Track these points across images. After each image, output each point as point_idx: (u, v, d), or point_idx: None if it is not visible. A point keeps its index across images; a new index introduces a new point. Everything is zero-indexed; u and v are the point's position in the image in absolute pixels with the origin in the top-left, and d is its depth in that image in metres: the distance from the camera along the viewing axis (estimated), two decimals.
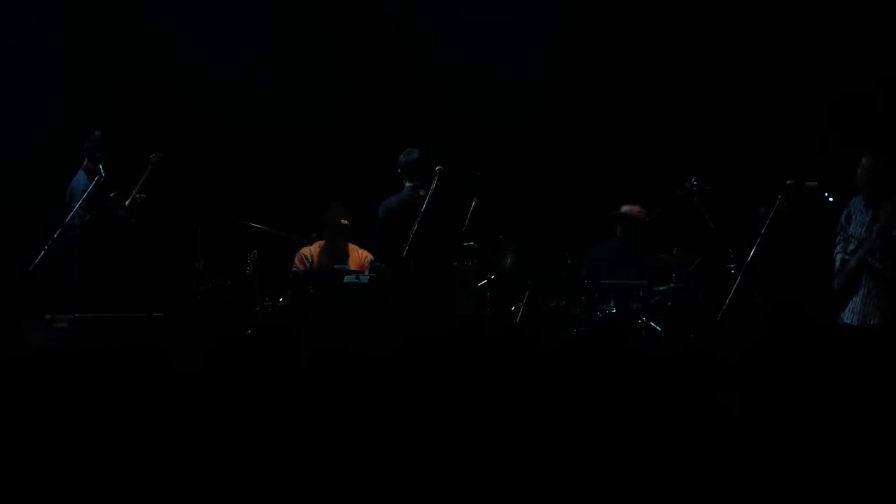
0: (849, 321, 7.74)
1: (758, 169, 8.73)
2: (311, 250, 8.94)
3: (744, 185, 8.65)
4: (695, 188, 8.43)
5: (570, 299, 8.53)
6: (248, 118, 9.98)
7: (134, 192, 8.74)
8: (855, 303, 7.77)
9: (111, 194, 8.62)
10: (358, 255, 9.00)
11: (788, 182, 7.98)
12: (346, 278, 8.38)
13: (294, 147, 10.01)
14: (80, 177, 8.65)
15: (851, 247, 7.86)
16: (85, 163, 8.68)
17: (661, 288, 8.50)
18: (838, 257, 7.92)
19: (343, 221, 8.88)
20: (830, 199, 7.98)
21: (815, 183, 8.01)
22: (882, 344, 3.64)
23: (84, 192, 8.46)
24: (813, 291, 8.09)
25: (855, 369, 3.52)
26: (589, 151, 9.60)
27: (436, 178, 8.48)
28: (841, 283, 7.86)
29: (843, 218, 7.97)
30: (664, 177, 8.76)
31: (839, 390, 3.42)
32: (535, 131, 9.81)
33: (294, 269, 8.88)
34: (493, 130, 9.63)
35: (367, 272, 8.70)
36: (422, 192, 8.02)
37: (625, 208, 8.87)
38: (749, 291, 7.91)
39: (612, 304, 8.41)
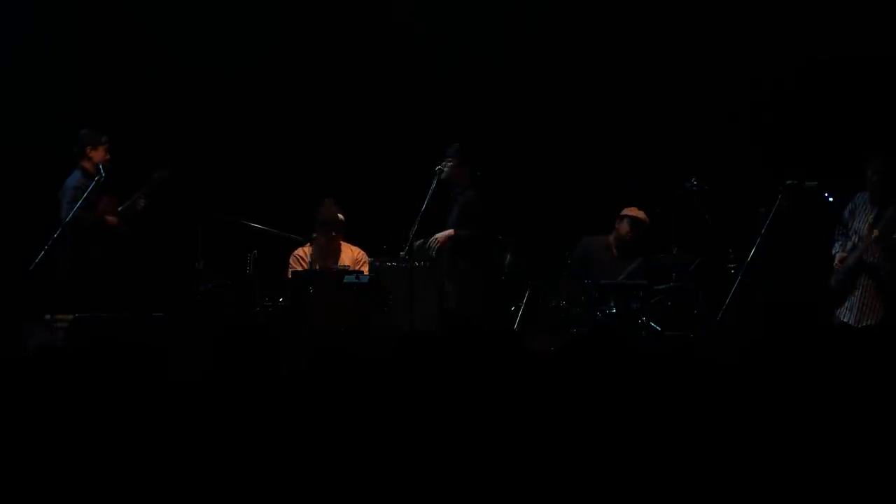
0: (846, 320, 7.73)
1: (758, 169, 8.72)
2: (305, 251, 8.97)
3: (744, 185, 8.65)
4: (695, 188, 8.43)
5: (570, 299, 8.54)
6: (246, 118, 9.98)
7: (133, 197, 8.75)
8: (852, 302, 7.76)
9: (104, 197, 8.62)
10: (351, 253, 9.03)
11: (788, 182, 7.97)
12: (346, 278, 8.39)
13: (294, 147, 10.01)
14: (74, 175, 8.67)
15: (850, 244, 7.85)
16: (80, 162, 8.70)
17: (661, 288, 8.50)
18: (837, 255, 7.91)
19: (338, 217, 8.90)
20: (830, 199, 7.97)
21: (815, 183, 8.00)
22: (877, 346, 3.64)
23: (75, 188, 8.50)
24: (813, 291, 8.08)
25: (851, 371, 3.52)
26: (589, 151, 9.59)
27: (435, 178, 8.51)
28: (839, 280, 7.84)
29: (846, 212, 7.94)
30: (664, 177, 8.76)
31: (836, 391, 3.43)
32: (534, 132, 9.80)
33: (290, 268, 8.90)
34: (494, 131, 9.63)
35: (365, 271, 8.73)
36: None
37: (633, 212, 8.87)
38: (749, 291, 7.90)
39: (611, 304, 8.41)
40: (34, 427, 3.34)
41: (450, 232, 8.49)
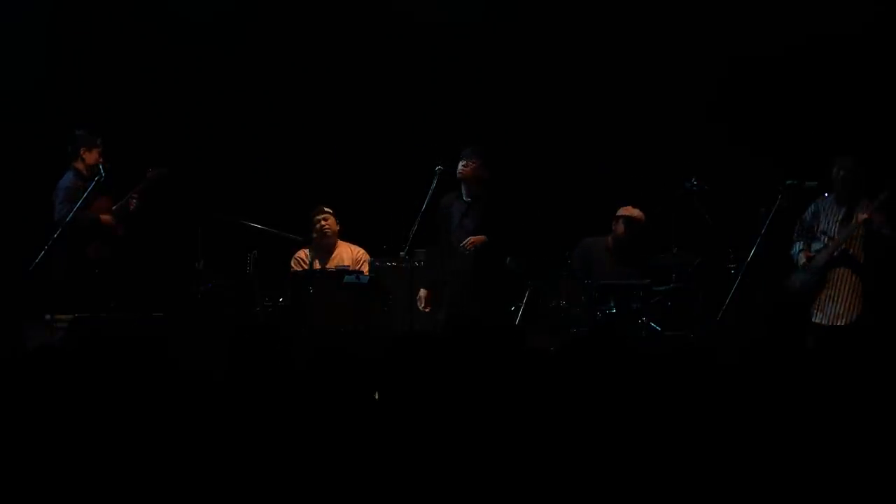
0: (818, 321, 7.73)
1: (758, 169, 8.72)
2: (306, 252, 8.99)
3: (744, 185, 8.65)
4: (695, 188, 8.42)
5: (570, 299, 8.53)
6: (247, 117, 9.98)
7: (127, 196, 8.73)
8: (823, 303, 7.75)
9: (99, 197, 8.61)
10: (351, 252, 9.04)
11: (788, 182, 7.98)
12: (346, 278, 8.39)
13: (294, 146, 10.01)
14: (67, 176, 8.66)
15: (817, 245, 7.87)
16: (73, 163, 8.69)
17: (661, 288, 8.50)
18: (801, 255, 7.90)
19: (325, 212, 8.92)
20: None
21: (815, 183, 8.01)
22: (855, 344, 3.66)
23: (67, 189, 8.50)
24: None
25: (850, 370, 3.53)
26: (589, 151, 9.58)
27: (435, 177, 8.49)
28: (806, 281, 7.83)
29: (808, 215, 7.97)
30: (664, 177, 8.75)
31: (835, 391, 3.43)
32: (534, 132, 9.79)
33: (292, 270, 8.92)
34: (494, 131, 9.62)
35: (365, 270, 8.73)
36: None
37: (627, 212, 8.85)
38: (749, 291, 7.90)
39: (612, 304, 8.41)
40: (33, 427, 3.34)
41: (483, 238, 8.32)
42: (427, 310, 8.43)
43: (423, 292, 8.47)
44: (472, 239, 8.22)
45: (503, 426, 3.30)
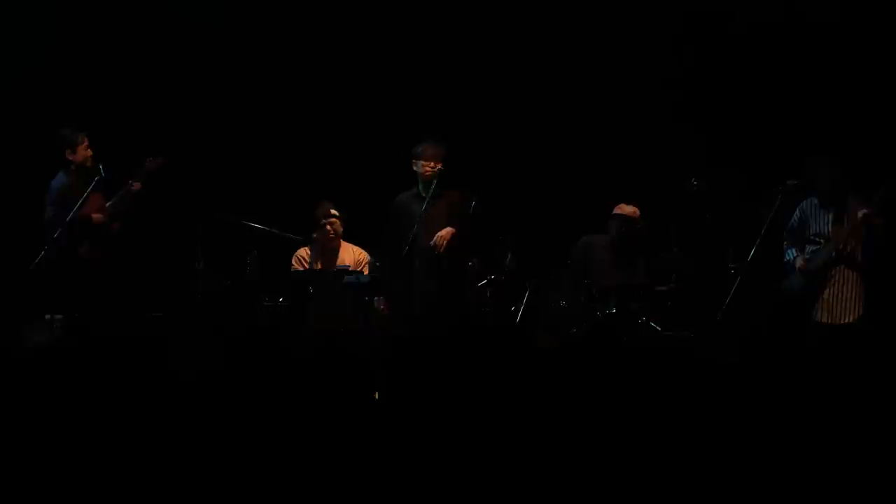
0: (824, 320, 7.72)
1: (758, 169, 8.72)
2: (307, 251, 8.98)
3: (744, 185, 8.64)
4: (695, 188, 8.42)
5: (570, 299, 8.53)
6: (247, 117, 9.98)
7: (126, 186, 8.69)
8: (827, 302, 7.74)
9: (92, 195, 8.59)
10: (353, 253, 9.03)
11: (789, 182, 7.98)
12: (346, 278, 8.39)
13: (294, 146, 10.01)
14: (59, 176, 8.65)
15: (813, 248, 7.86)
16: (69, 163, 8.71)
17: (661, 288, 8.50)
18: (798, 259, 7.89)
19: (332, 216, 8.90)
20: None
21: None
22: (857, 344, 3.67)
23: (58, 189, 8.49)
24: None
25: (850, 370, 3.53)
26: (588, 151, 9.59)
27: (436, 178, 8.50)
28: (804, 284, 7.83)
29: (795, 221, 7.95)
30: (664, 177, 8.75)
31: (835, 391, 3.43)
32: (534, 131, 9.79)
33: (293, 269, 8.91)
34: (494, 130, 9.62)
35: (365, 271, 8.73)
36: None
37: (620, 210, 8.85)
38: (749, 291, 7.90)
39: (612, 304, 8.41)
40: (33, 426, 3.34)
41: (451, 229, 8.40)
42: (384, 312, 8.49)
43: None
44: (441, 234, 8.32)
45: (503, 425, 3.31)
